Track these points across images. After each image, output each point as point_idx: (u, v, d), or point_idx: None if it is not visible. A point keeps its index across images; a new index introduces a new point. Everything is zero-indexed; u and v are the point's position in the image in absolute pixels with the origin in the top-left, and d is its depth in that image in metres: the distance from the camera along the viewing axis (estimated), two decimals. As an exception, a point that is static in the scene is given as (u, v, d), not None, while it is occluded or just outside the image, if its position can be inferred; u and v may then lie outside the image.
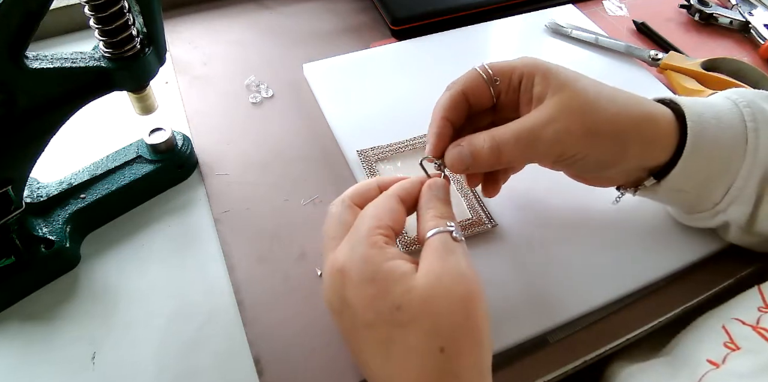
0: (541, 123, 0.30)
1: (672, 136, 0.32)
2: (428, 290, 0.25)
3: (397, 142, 0.42)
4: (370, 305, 0.25)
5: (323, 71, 0.48)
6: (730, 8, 0.60)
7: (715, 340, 0.32)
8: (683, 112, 0.32)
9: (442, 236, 0.27)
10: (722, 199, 0.33)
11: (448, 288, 0.25)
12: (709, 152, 0.31)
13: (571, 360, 0.33)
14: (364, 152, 0.41)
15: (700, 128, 0.31)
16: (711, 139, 0.31)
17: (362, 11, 0.57)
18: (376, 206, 0.29)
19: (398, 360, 0.24)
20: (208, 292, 0.35)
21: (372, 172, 0.39)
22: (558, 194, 0.40)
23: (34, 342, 0.33)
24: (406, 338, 0.24)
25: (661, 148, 0.32)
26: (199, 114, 0.45)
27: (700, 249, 0.38)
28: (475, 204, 0.38)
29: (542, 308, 0.34)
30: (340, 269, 0.26)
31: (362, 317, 0.25)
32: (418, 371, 0.24)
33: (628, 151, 0.31)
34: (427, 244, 0.27)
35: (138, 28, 0.31)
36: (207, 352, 0.33)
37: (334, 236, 0.28)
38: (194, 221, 0.39)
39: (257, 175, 0.41)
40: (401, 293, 0.25)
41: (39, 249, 0.34)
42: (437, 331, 0.24)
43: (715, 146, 0.31)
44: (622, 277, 0.36)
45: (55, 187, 0.36)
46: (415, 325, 0.24)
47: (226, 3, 0.56)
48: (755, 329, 0.31)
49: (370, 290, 0.25)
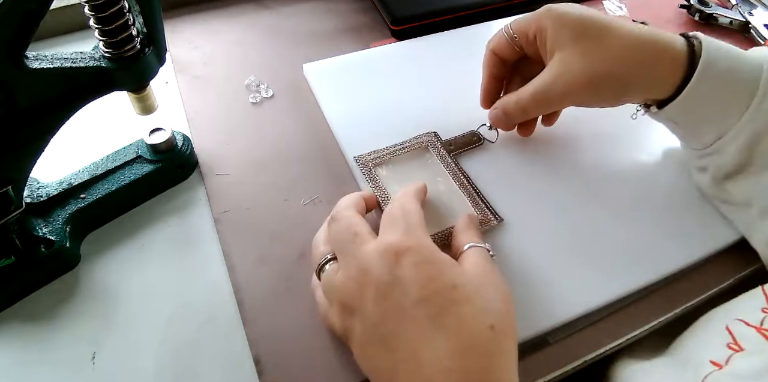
0: (550, 81, 0.36)
1: (677, 75, 0.34)
2: (480, 277, 0.29)
3: (393, 145, 0.41)
4: (428, 283, 0.26)
5: (323, 71, 0.48)
6: (730, 8, 0.60)
7: (719, 341, 0.31)
8: (699, 50, 0.34)
9: (482, 250, 0.31)
10: (711, 144, 0.36)
11: (495, 281, 0.29)
12: (714, 90, 0.34)
13: (571, 360, 0.33)
14: (361, 158, 0.40)
15: (707, 65, 0.33)
16: (719, 78, 0.33)
17: (362, 11, 0.57)
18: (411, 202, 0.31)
19: (451, 333, 0.25)
20: (208, 292, 0.35)
21: (372, 178, 0.38)
22: (558, 194, 0.40)
23: (34, 342, 0.33)
24: (459, 313, 0.26)
25: (663, 89, 0.35)
26: (199, 114, 0.45)
27: (701, 249, 0.38)
28: (479, 202, 0.38)
29: (542, 308, 0.34)
30: (396, 251, 0.27)
31: (417, 293, 0.26)
32: (469, 343, 0.25)
33: (630, 93, 0.36)
34: (468, 253, 0.31)
35: (138, 28, 0.31)
36: (207, 352, 0.33)
37: (356, 232, 0.29)
38: (194, 221, 0.39)
39: (257, 176, 0.41)
40: (457, 274, 0.27)
41: (39, 249, 0.34)
42: (489, 310, 0.26)
43: (721, 85, 0.33)
44: (622, 277, 0.36)
45: (55, 187, 0.36)
46: (469, 303, 0.26)
47: (226, 3, 0.56)
48: (759, 331, 0.30)
49: (429, 270, 0.27)
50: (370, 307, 0.27)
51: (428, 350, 0.25)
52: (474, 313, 0.26)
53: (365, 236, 0.29)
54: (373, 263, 0.27)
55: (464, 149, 0.42)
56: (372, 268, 0.27)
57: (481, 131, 0.42)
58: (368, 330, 0.27)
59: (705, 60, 0.33)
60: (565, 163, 0.42)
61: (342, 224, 0.30)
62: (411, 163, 0.40)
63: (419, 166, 0.40)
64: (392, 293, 0.26)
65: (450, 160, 0.40)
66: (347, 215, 0.31)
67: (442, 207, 0.38)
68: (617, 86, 0.35)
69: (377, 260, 0.27)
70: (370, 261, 0.27)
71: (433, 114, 0.45)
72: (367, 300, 0.27)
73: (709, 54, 0.33)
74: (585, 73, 0.34)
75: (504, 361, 0.25)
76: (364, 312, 0.27)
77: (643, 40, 0.34)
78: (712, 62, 0.33)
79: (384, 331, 0.26)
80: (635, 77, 0.34)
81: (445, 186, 0.39)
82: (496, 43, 0.39)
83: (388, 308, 0.26)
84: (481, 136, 0.42)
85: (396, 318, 0.26)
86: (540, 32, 0.36)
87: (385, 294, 0.26)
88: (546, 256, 0.36)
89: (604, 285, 0.35)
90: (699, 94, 0.34)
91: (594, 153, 0.43)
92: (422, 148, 0.41)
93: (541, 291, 0.35)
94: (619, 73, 0.34)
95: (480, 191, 0.39)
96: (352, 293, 0.27)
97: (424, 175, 0.39)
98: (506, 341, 0.26)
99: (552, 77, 0.36)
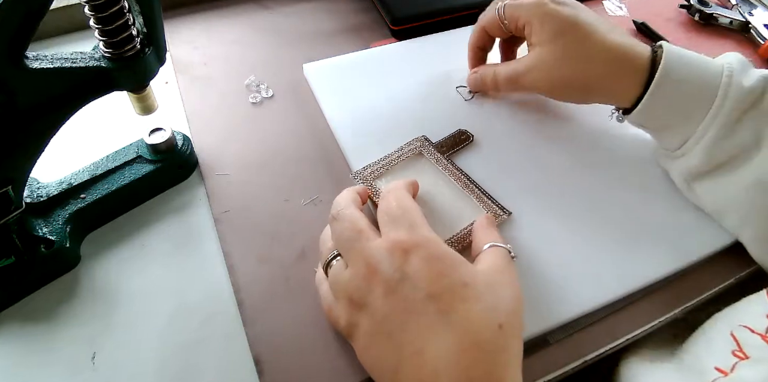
0: (523, 70, 0.40)
1: (638, 86, 0.36)
2: (493, 276, 0.29)
3: (386, 155, 0.40)
4: (438, 278, 0.26)
5: (323, 71, 0.48)
6: (730, 8, 0.60)
7: (724, 347, 0.31)
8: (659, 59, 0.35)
9: (502, 250, 0.31)
10: (679, 148, 0.37)
11: (509, 281, 0.29)
12: (673, 98, 0.35)
13: (571, 360, 0.33)
14: (359, 174, 0.39)
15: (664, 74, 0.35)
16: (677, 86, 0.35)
17: (362, 11, 0.57)
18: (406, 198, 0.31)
19: (458, 330, 0.25)
20: (208, 292, 0.35)
21: (374, 193, 0.37)
22: (559, 193, 0.40)
23: (34, 342, 0.33)
24: (468, 310, 0.26)
25: (625, 99, 0.37)
26: (199, 114, 0.45)
27: (701, 249, 0.38)
28: (485, 199, 0.38)
29: (542, 308, 0.34)
30: (403, 247, 0.27)
31: (427, 288, 0.26)
32: (475, 340, 0.25)
33: (594, 99, 0.39)
34: (487, 252, 0.31)
35: (138, 28, 0.31)
36: (207, 352, 0.33)
37: (361, 229, 0.29)
38: (194, 221, 0.39)
39: (257, 175, 0.41)
40: (468, 273, 0.27)
41: (39, 249, 0.34)
42: (498, 309, 0.26)
43: (680, 93, 0.35)
44: (622, 277, 0.36)
45: (55, 187, 0.36)
46: (478, 301, 0.26)
47: (226, 3, 0.56)
48: (764, 338, 0.30)
49: (439, 266, 0.27)
50: (379, 302, 0.27)
51: (434, 345, 0.25)
52: (483, 311, 0.26)
53: (370, 233, 0.29)
54: (381, 260, 0.27)
55: (455, 149, 0.42)
56: (380, 265, 0.27)
57: (459, 91, 0.47)
58: (375, 325, 0.27)
59: (663, 68, 0.35)
60: (563, 164, 0.42)
61: (345, 222, 0.30)
62: (408, 171, 0.40)
63: (417, 173, 0.40)
64: (402, 288, 0.26)
65: (446, 161, 0.40)
66: (349, 213, 0.31)
67: (451, 211, 0.38)
68: (580, 92, 0.39)
69: (386, 257, 0.27)
70: (379, 258, 0.27)
71: (433, 114, 0.45)
72: (376, 296, 0.27)
73: (668, 63, 0.35)
74: (553, 74, 0.38)
75: (508, 359, 0.26)
76: (373, 307, 0.27)
77: (615, 53, 0.36)
78: (670, 70, 0.35)
79: (391, 326, 0.26)
80: (599, 87, 0.38)
81: (448, 189, 0.39)
82: (488, 21, 0.42)
83: (397, 303, 0.26)
84: (470, 134, 0.43)
85: (405, 313, 0.26)
86: (527, 24, 0.38)
87: (395, 290, 0.26)
88: (546, 256, 0.36)
89: (604, 285, 0.35)
90: (659, 102, 0.36)
91: (593, 153, 0.43)
92: (416, 154, 0.41)
93: (541, 291, 0.35)
94: (584, 81, 0.37)
95: (482, 187, 0.39)
96: (362, 289, 0.27)
97: (424, 182, 0.39)
98: (512, 341, 0.26)
99: (525, 68, 0.39)
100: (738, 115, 0.34)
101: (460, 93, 0.46)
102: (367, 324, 0.27)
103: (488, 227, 0.34)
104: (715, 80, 0.35)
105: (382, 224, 0.30)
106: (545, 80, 0.39)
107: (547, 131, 0.44)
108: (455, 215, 0.37)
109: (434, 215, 0.37)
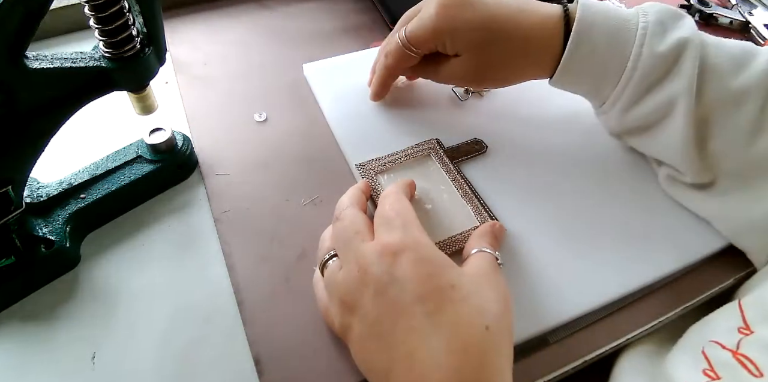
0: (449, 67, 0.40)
1: (553, 58, 0.37)
2: (479, 278, 0.29)
3: (395, 152, 0.41)
4: (426, 280, 0.27)
5: (323, 71, 0.48)
6: (730, 8, 0.60)
7: (695, 366, 0.31)
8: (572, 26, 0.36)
9: (489, 255, 0.31)
10: (603, 104, 0.39)
11: (495, 284, 0.29)
12: (587, 65, 0.36)
13: (571, 360, 0.33)
14: (363, 166, 0.39)
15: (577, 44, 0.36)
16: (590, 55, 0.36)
17: (362, 11, 0.57)
18: (401, 200, 0.32)
19: (446, 331, 0.25)
20: (208, 292, 0.35)
21: (374, 186, 0.38)
22: (559, 194, 0.40)
23: (34, 342, 0.33)
24: (456, 312, 0.26)
25: (544, 72, 0.39)
26: (199, 114, 0.45)
27: (700, 249, 0.38)
28: (481, 209, 0.38)
29: (542, 308, 0.34)
30: (393, 251, 0.27)
31: (415, 290, 0.26)
32: (464, 341, 0.25)
33: (513, 83, 0.40)
34: (474, 255, 0.31)
35: (138, 28, 0.31)
36: (207, 352, 0.33)
37: (358, 230, 0.30)
38: (194, 221, 0.39)
39: (257, 175, 0.41)
40: (456, 275, 0.27)
41: (39, 249, 0.34)
42: (485, 311, 0.27)
43: (593, 61, 0.36)
44: (622, 277, 0.36)
45: (55, 187, 0.36)
46: (466, 302, 0.26)
47: (226, 3, 0.56)
48: (735, 355, 0.30)
49: (428, 268, 0.27)
50: (368, 305, 0.27)
51: (424, 347, 0.25)
52: (470, 313, 0.26)
53: (366, 235, 0.29)
54: (372, 262, 0.27)
55: (466, 157, 0.42)
56: (371, 267, 0.27)
57: (455, 91, 0.47)
58: (367, 327, 0.27)
59: (577, 33, 0.35)
60: (565, 168, 0.42)
61: (345, 222, 0.30)
62: (413, 171, 0.40)
63: (421, 174, 0.40)
64: (390, 291, 0.26)
65: (452, 167, 0.40)
66: (350, 214, 0.31)
67: (446, 215, 0.38)
68: (500, 83, 0.41)
69: (375, 259, 0.27)
70: (369, 260, 0.27)
71: (432, 115, 0.45)
72: (366, 298, 0.27)
73: (582, 24, 0.35)
74: (468, 74, 0.39)
75: (497, 360, 0.25)
76: (364, 310, 0.27)
77: (529, 42, 0.37)
78: (586, 29, 0.35)
79: (381, 329, 0.26)
80: (515, 76, 0.40)
81: (448, 194, 0.39)
82: (396, 57, 0.40)
83: (386, 306, 0.26)
84: (484, 144, 0.42)
85: (394, 315, 0.26)
86: (440, 44, 0.38)
87: (384, 292, 0.27)
88: (546, 257, 0.36)
89: (604, 285, 0.35)
90: (575, 69, 0.37)
91: (593, 158, 0.43)
92: (424, 155, 0.41)
93: (541, 291, 0.35)
94: (501, 75, 0.39)
95: (482, 198, 0.39)
96: (352, 291, 0.28)
97: (426, 184, 0.39)
98: (501, 342, 0.26)
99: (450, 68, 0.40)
100: (648, 85, 0.35)
101: (456, 93, 0.46)
102: (358, 326, 0.27)
103: (486, 234, 0.34)
104: (628, 48, 0.35)
105: (377, 226, 0.30)
106: (466, 80, 0.41)
107: (550, 135, 0.44)
108: (449, 220, 0.37)
109: (429, 217, 0.37)
